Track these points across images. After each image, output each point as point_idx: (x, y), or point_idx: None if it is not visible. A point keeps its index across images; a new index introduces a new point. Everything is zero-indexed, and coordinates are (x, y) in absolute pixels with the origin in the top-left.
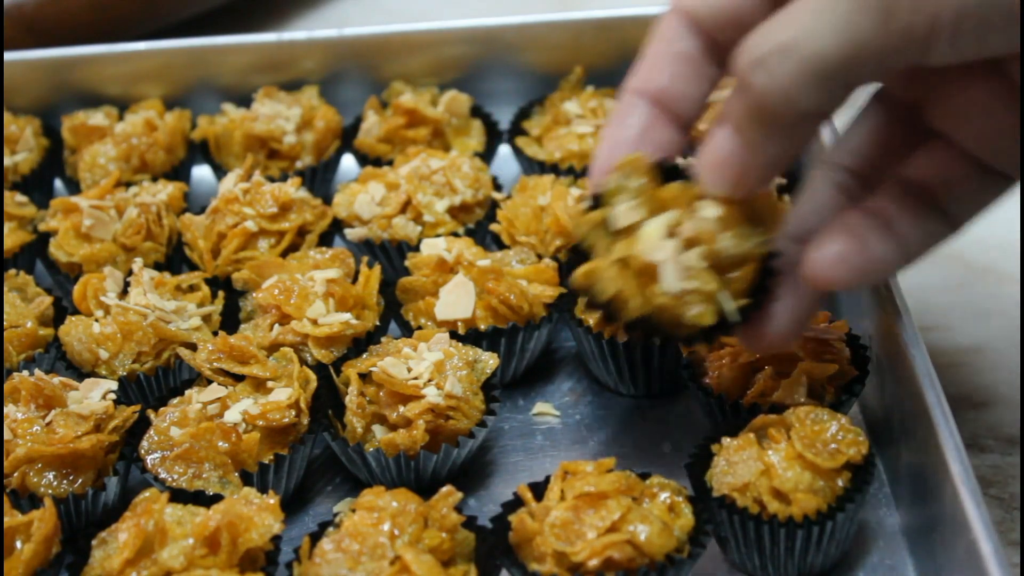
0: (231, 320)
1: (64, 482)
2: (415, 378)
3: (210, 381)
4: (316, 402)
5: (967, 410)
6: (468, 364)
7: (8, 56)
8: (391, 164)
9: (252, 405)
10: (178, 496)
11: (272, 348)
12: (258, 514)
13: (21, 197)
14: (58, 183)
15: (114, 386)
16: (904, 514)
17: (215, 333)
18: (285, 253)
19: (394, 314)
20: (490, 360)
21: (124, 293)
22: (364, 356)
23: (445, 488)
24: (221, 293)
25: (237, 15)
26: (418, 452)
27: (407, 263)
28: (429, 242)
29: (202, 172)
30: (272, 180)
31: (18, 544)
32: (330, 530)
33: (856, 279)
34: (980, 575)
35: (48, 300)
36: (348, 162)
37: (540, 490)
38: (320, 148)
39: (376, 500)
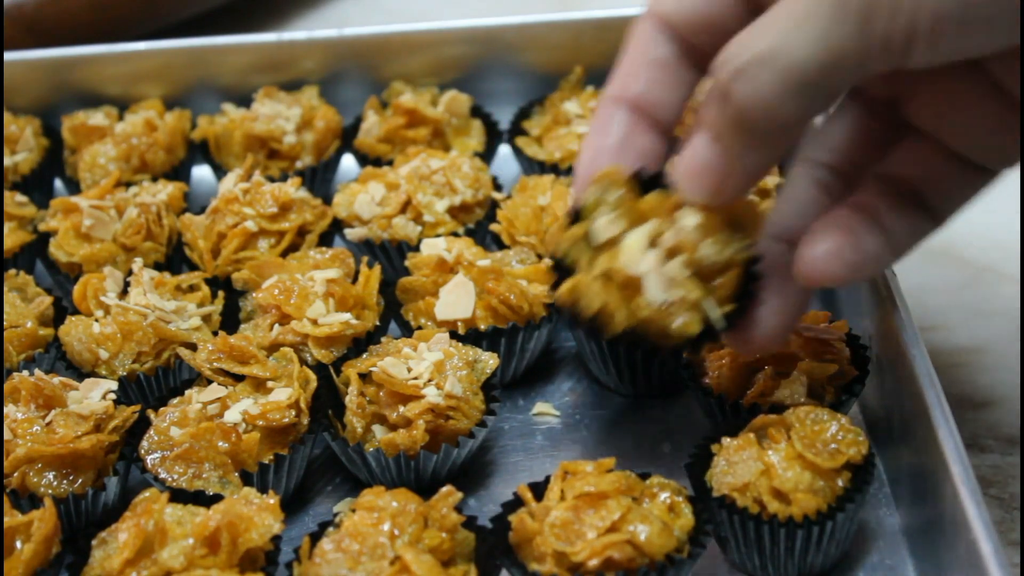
0: (231, 320)
1: (64, 482)
2: (415, 378)
3: (210, 381)
4: (316, 402)
5: (967, 410)
6: (468, 364)
7: (8, 56)
8: (391, 164)
9: (252, 405)
10: (178, 496)
11: (272, 348)
12: (258, 514)
13: (21, 197)
14: (58, 183)
15: (114, 386)
16: (904, 514)
17: (215, 333)
18: (285, 253)
19: (394, 314)
20: (490, 360)
21: (124, 293)
22: (364, 356)
23: (445, 488)
24: (221, 293)
25: (237, 15)
26: (418, 452)
27: (407, 263)
28: (429, 242)
29: (202, 172)
30: (272, 180)
31: (18, 544)
32: (330, 530)
33: (850, 275)
34: (980, 575)
35: (48, 300)
36: (348, 162)
37: (540, 490)
38: (320, 148)
39: (376, 500)
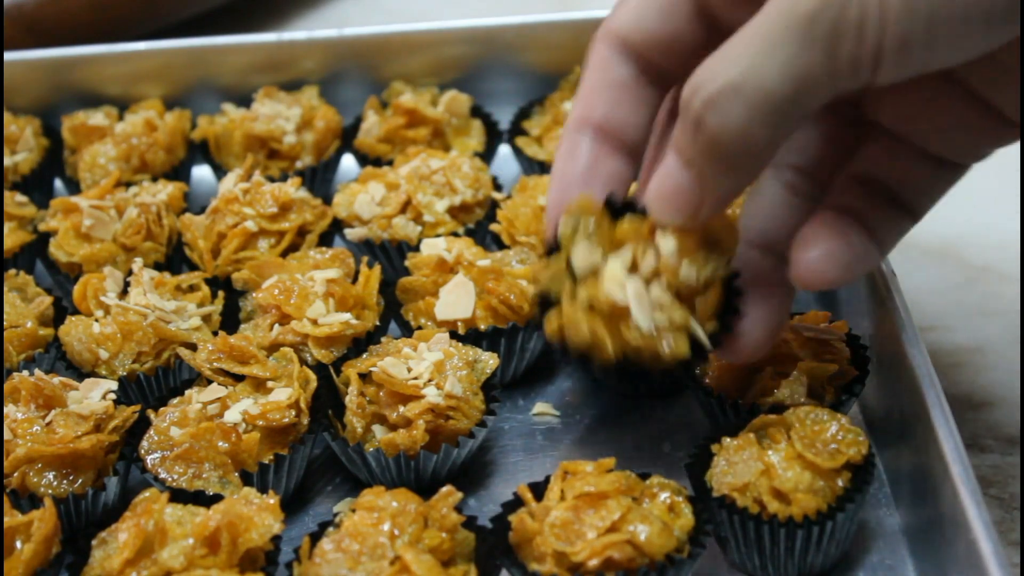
0: (231, 320)
1: (64, 482)
2: (415, 378)
3: (210, 381)
4: (316, 402)
5: (967, 410)
6: (468, 364)
7: (8, 56)
8: (391, 164)
9: (252, 405)
10: (178, 496)
11: (272, 348)
12: (258, 514)
13: (21, 197)
14: (58, 183)
15: (114, 386)
16: (904, 514)
17: (215, 333)
18: (285, 253)
19: (394, 314)
20: (490, 360)
21: (124, 293)
22: (364, 356)
23: (445, 488)
24: (221, 293)
25: (237, 15)
26: (418, 452)
27: (407, 263)
28: (429, 242)
29: (202, 172)
30: (272, 180)
31: (18, 544)
32: (330, 530)
33: (844, 276)
34: (980, 575)
35: (48, 300)
36: (348, 162)
37: (540, 490)
38: (320, 148)
39: (376, 500)
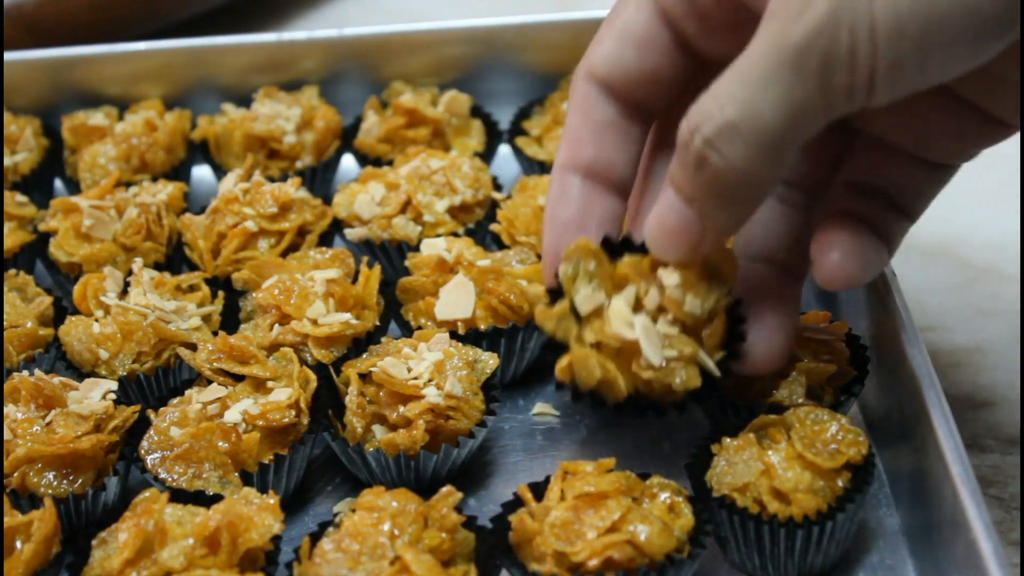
0: (231, 320)
1: (64, 482)
2: (415, 378)
3: (210, 381)
4: (316, 402)
5: (967, 410)
6: (468, 364)
7: (8, 56)
8: (391, 164)
9: (252, 405)
10: (178, 496)
11: (272, 348)
12: (258, 514)
13: (21, 197)
14: (58, 183)
15: (114, 386)
16: (904, 514)
17: (215, 333)
18: (285, 253)
19: (394, 314)
20: (490, 360)
21: (124, 293)
22: (364, 356)
23: (445, 488)
24: (221, 293)
25: (237, 15)
26: (418, 452)
27: (407, 263)
28: (429, 242)
29: (202, 172)
30: (272, 180)
31: (18, 544)
32: (330, 530)
33: (865, 275)
34: (980, 575)
35: (48, 300)
36: (348, 162)
37: (540, 490)
38: (320, 148)
39: (376, 500)
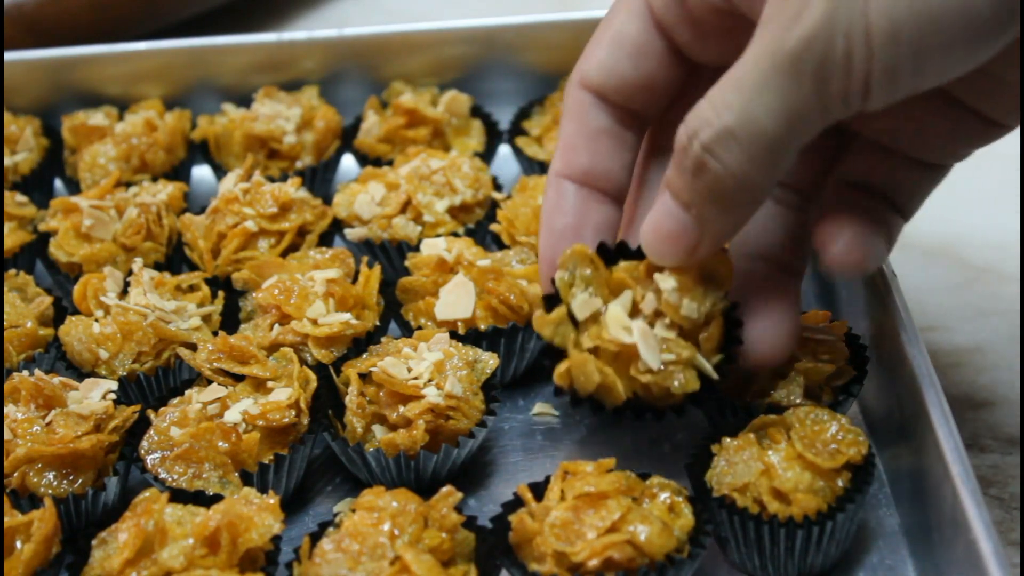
0: (231, 320)
1: (64, 482)
2: (415, 378)
3: (210, 381)
4: (316, 402)
5: (967, 410)
6: (468, 364)
7: (8, 56)
8: (391, 164)
9: (252, 405)
10: (178, 496)
11: (272, 348)
12: (258, 514)
13: (21, 197)
14: (58, 183)
15: (114, 386)
16: (904, 514)
17: (215, 333)
18: (285, 253)
19: (394, 314)
20: (490, 360)
21: (124, 293)
22: (364, 356)
23: (445, 488)
24: (221, 293)
25: (237, 15)
26: (418, 452)
27: (407, 263)
28: (429, 242)
29: (202, 172)
30: (272, 180)
31: (18, 544)
32: (330, 530)
33: (871, 263)
34: (980, 575)
35: (48, 300)
36: (348, 162)
37: (540, 490)
38: (320, 148)
39: (376, 500)
